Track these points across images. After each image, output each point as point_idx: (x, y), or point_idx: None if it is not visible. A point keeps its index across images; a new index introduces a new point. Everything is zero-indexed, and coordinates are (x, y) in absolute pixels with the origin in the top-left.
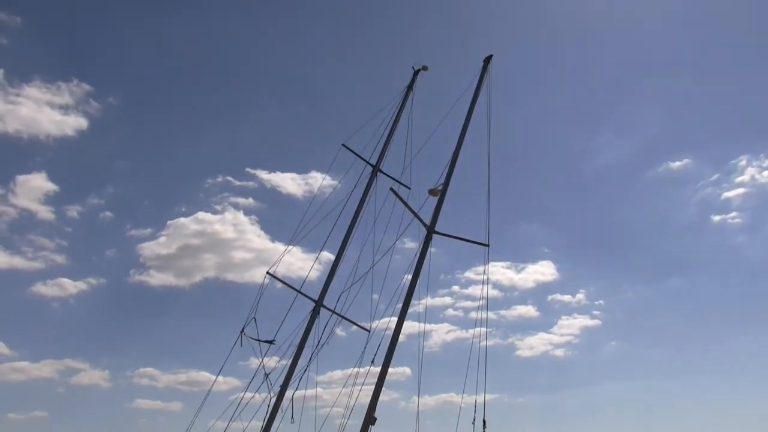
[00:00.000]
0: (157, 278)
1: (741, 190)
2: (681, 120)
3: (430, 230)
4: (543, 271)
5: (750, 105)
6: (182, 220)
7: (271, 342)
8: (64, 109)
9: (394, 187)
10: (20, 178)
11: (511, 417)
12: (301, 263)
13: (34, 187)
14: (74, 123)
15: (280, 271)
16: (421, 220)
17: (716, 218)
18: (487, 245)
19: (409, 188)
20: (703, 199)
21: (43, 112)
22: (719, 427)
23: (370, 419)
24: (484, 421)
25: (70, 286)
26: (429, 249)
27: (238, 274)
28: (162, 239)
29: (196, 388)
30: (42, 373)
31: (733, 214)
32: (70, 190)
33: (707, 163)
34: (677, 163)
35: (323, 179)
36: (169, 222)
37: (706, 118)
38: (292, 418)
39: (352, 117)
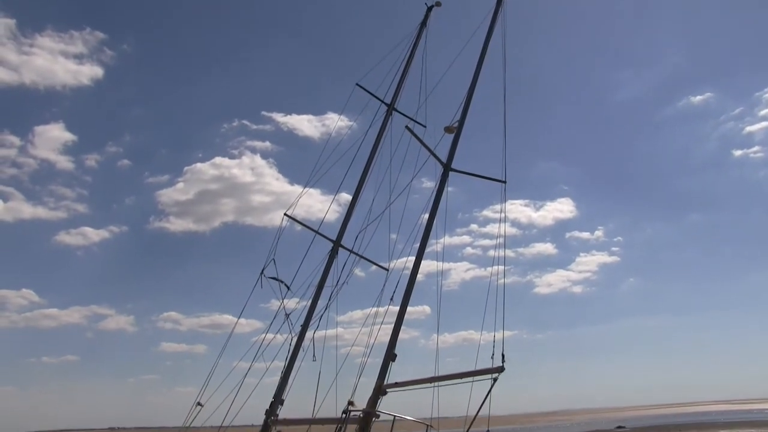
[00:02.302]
0: (176, 224)
1: (765, 124)
2: (703, 52)
3: (447, 167)
4: (562, 208)
5: None
6: (199, 165)
7: (288, 286)
8: (79, 58)
9: (409, 125)
10: (38, 128)
11: (530, 353)
12: (320, 205)
13: (52, 138)
14: (90, 72)
15: (299, 213)
16: (437, 158)
17: (737, 153)
18: (504, 182)
19: (425, 126)
20: (725, 134)
21: (58, 62)
22: (739, 361)
23: (390, 356)
24: (503, 356)
25: (93, 234)
26: (446, 187)
27: (257, 217)
28: (180, 185)
29: (219, 330)
30: (71, 319)
31: (756, 148)
32: (88, 140)
33: (730, 97)
34: (698, 98)
35: (339, 120)
36: (186, 168)
37: (730, 50)
38: (314, 356)
39: (367, 55)
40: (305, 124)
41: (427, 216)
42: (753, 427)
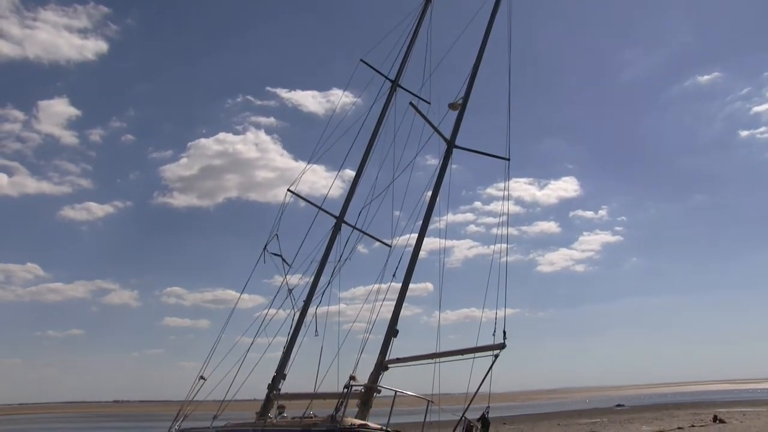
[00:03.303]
0: (180, 200)
1: None
2: (712, 31)
3: (451, 144)
4: (566, 187)
5: None
6: (203, 141)
7: (288, 263)
8: (83, 32)
9: (413, 102)
10: (42, 103)
11: (531, 331)
12: (325, 181)
13: (56, 113)
14: (94, 46)
15: (303, 190)
16: (441, 134)
17: (744, 133)
18: (508, 159)
19: (429, 103)
20: (731, 114)
21: (62, 36)
22: (739, 341)
23: (392, 332)
24: (504, 333)
25: (97, 209)
26: (450, 164)
27: (261, 193)
28: (183, 161)
29: (222, 305)
30: (76, 294)
31: (763, 129)
32: (92, 114)
33: (738, 77)
34: (706, 77)
35: (343, 96)
36: (189, 143)
37: (739, 28)
38: (316, 331)
39: (372, 31)
40: (310, 100)
41: (430, 193)
42: (751, 406)
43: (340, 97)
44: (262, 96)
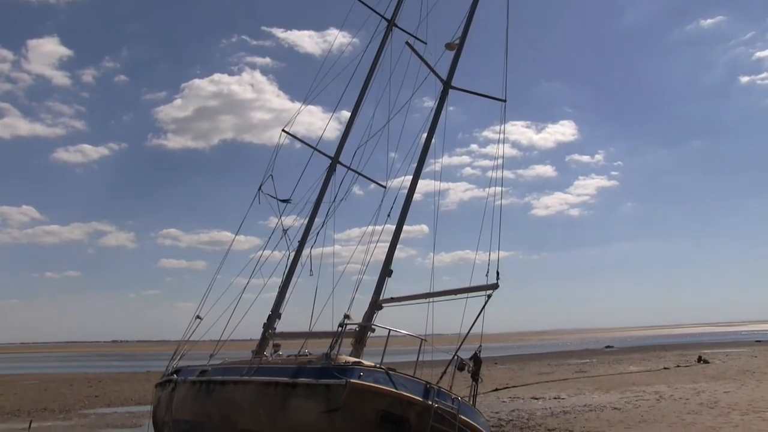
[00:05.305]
0: (175, 141)
1: None
2: None
3: (447, 85)
4: (563, 131)
5: None
6: (197, 81)
7: (287, 201)
8: None
9: (410, 42)
10: (31, 42)
11: (525, 274)
12: (321, 123)
13: (46, 52)
14: None
15: (300, 131)
16: (437, 75)
17: (745, 79)
18: (504, 101)
19: (425, 43)
20: (733, 59)
21: None
22: (733, 285)
23: (386, 272)
24: (497, 273)
25: (92, 151)
26: (446, 105)
27: (256, 135)
28: (177, 102)
29: (218, 247)
30: (72, 236)
31: (764, 74)
32: (84, 54)
33: (742, 20)
34: (709, 21)
35: (340, 36)
36: (183, 84)
37: None
38: (311, 271)
39: None
40: (306, 40)
41: (426, 135)
42: (734, 347)
43: (336, 37)
44: (257, 36)
